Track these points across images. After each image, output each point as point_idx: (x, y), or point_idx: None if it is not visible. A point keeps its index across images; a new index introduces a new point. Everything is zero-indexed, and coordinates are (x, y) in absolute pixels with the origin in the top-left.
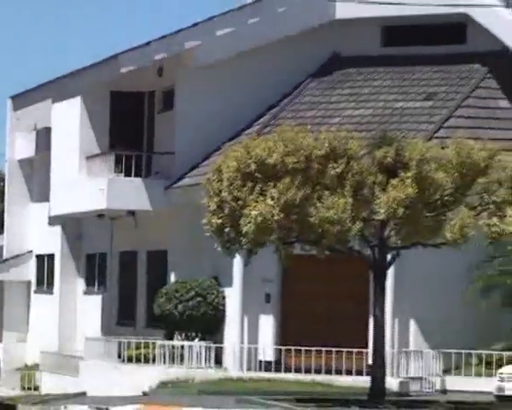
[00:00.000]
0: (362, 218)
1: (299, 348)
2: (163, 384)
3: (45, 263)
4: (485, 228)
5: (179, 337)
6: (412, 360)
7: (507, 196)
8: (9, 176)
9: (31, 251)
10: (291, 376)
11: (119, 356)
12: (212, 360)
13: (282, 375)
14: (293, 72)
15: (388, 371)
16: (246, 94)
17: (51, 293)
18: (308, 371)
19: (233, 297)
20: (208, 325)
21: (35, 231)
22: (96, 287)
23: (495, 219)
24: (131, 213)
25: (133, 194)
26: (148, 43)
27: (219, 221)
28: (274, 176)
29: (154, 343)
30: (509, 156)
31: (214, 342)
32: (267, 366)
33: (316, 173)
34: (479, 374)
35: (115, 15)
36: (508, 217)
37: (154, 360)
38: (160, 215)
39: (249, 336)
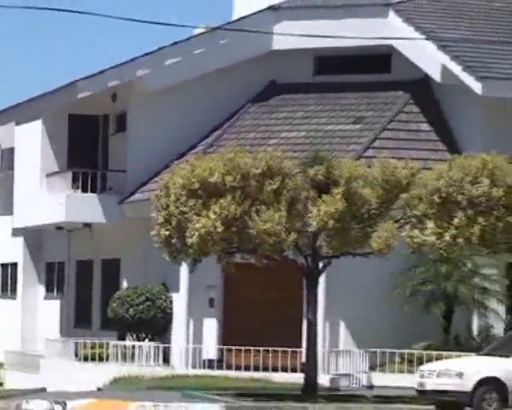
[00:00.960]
0: (296, 230)
1: (239, 347)
2: (115, 381)
3: (9, 271)
4: (407, 239)
5: (130, 338)
6: (341, 359)
7: (427, 211)
8: None
9: None
10: (232, 373)
11: (76, 355)
12: (161, 359)
13: (224, 372)
14: (235, 97)
15: (320, 368)
16: (192, 117)
17: (14, 298)
18: (248, 368)
19: (179, 302)
20: (157, 327)
21: (0, 242)
22: (55, 293)
23: (416, 232)
24: (87, 225)
25: (89, 208)
26: (102, 72)
27: (167, 233)
28: (216, 193)
29: (107, 344)
30: (429, 174)
31: (162, 343)
32: (210, 364)
33: (254, 190)
34: (401, 371)
35: (75, 43)
36: (428, 229)
37: (107, 359)
38: (113, 227)
39: (194, 336)
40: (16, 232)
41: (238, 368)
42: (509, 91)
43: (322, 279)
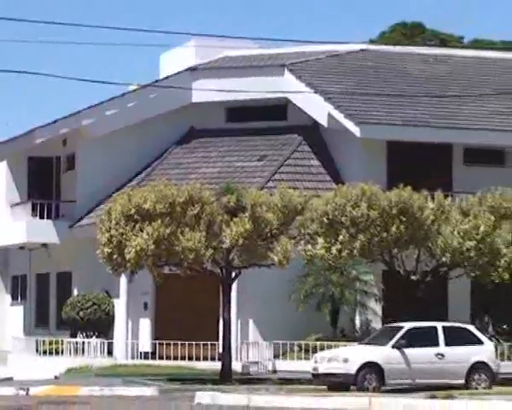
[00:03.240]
0: (213, 246)
1: (168, 342)
2: (69, 371)
3: None
4: (302, 252)
5: (81, 336)
6: (251, 349)
7: (317, 229)
8: None
9: None
10: (163, 362)
11: (37, 350)
12: (105, 352)
13: (157, 362)
14: (162, 141)
15: (234, 357)
16: (127, 157)
17: None
18: (176, 358)
19: (120, 305)
20: (102, 326)
21: None
22: (19, 300)
23: (309, 246)
24: (44, 245)
25: (45, 231)
26: (55, 121)
27: (109, 250)
28: (148, 217)
29: (62, 340)
30: (319, 201)
31: (106, 339)
32: (146, 356)
33: (179, 215)
34: (299, 358)
35: (29, 97)
36: (318, 244)
37: (62, 353)
38: (65, 247)
39: (132, 333)
40: None
41: (168, 358)
42: (382, 134)
43: (234, 286)
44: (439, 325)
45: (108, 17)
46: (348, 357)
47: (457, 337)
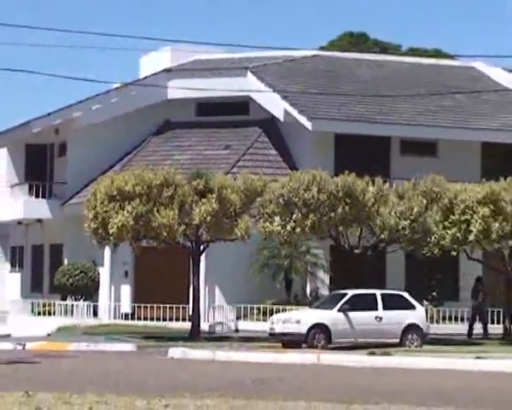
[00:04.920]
0: (184, 223)
1: (146, 304)
2: (60, 329)
3: None
4: (261, 229)
5: (70, 299)
6: (216, 312)
7: (274, 209)
8: None
9: None
10: (141, 322)
11: (32, 311)
12: (91, 313)
13: (135, 322)
14: (141, 132)
15: (202, 318)
16: (111, 145)
17: None
18: (152, 319)
19: (104, 273)
20: (89, 291)
21: None
22: (17, 268)
23: (267, 224)
24: (39, 220)
25: (40, 208)
26: (49, 114)
27: (95, 226)
28: (128, 197)
29: (54, 303)
30: (276, 185)
31: (92, 302)
32: (126, 316)
33: (155, 196)
34: (258, 320)
35: (30, 91)
36: (275, 222)
37: (54, 314)
38: (57, 222)
39: (114, 297)
40: None
41: (145, 319)
42: (331, 128)
43: (203, 257)
44: (378, 292)
45: (97, 23)
46: (300, 319)
47: (394, 303)
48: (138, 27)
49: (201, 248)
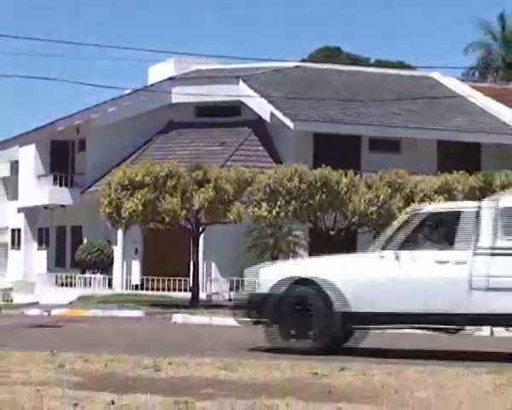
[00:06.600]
0: (186, 208)
1: (153, 277)
2: (79, 298)
3: (16, 233)
4: (251, 214)
5: (89, 272)
6: (213, 284)
7: (262, 197)
8: None
9: (7, 227)
10: (149, 293)
11: (56, 283)
12: (107, 285)
13: (144, 292)
14: (149, 131)
15: (200, 289)
16: (123, 142)
17: (19, 249)
18: (158, 290)
19: (118, 251)
20: (104, 265)
21: (10, 216)
22: (43, 246)
23: (256, 209)
24: (63, 206)
25: (63, 196)
26: (71, 116)
27: (109, 211)
28: (138, 187)
29: (74, 276)
30: (263, 176)
31: (108, 275)
32: (136, 287)
33: (161, 185)
34: None
35: (56, 96)
36: (262, 208)
37: (75, 285)
38: (78, 207)
39: (126, 271)
40: (20, 210)
41: (152, 289)
42: (310, 128)
43: (201, 237)
44: None
45: (110, 36)
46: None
47: None
48: (147, 42)
49: (200, 229)
